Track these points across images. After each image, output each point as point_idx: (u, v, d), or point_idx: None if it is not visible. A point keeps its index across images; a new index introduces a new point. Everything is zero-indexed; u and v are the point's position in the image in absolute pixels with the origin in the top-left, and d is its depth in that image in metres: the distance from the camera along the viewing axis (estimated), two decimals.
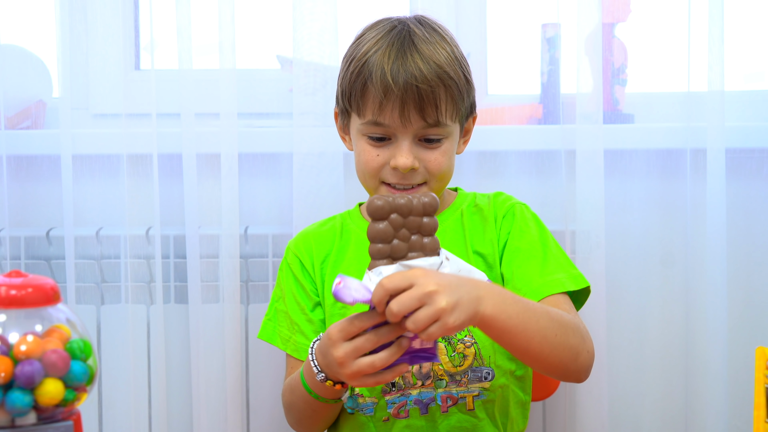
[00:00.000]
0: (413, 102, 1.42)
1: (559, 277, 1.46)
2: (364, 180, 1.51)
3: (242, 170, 1.85)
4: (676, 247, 1.90)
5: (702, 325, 1.83)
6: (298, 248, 1.58)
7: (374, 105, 1.44)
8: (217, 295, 1.83)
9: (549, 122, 1.90)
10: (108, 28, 1.88)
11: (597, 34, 1.83)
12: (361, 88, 1.45)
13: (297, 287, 1.56)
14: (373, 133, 1.46)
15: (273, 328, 1.57)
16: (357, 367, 1.20)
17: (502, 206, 1.55)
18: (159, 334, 1.83)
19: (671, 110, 1.90)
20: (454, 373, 1.47)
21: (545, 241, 1.51)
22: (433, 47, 1.45)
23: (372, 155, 1.47)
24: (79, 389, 1.04)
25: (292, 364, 1.54)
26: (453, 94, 1.45)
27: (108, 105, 1.92)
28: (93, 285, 1.86)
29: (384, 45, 1.45)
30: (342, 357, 1.20)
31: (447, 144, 1.48)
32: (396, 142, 1.46)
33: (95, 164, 1.88)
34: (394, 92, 1.42)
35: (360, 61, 1.46)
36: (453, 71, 1.45)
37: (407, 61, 1.42)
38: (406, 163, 1.44)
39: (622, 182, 1.90)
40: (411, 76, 1.41)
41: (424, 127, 1.44)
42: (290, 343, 1.54)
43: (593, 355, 1.40)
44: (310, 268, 1.56)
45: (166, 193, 1.84)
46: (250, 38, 1.96)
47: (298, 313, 1.54)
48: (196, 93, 1.81)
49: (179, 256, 1.85)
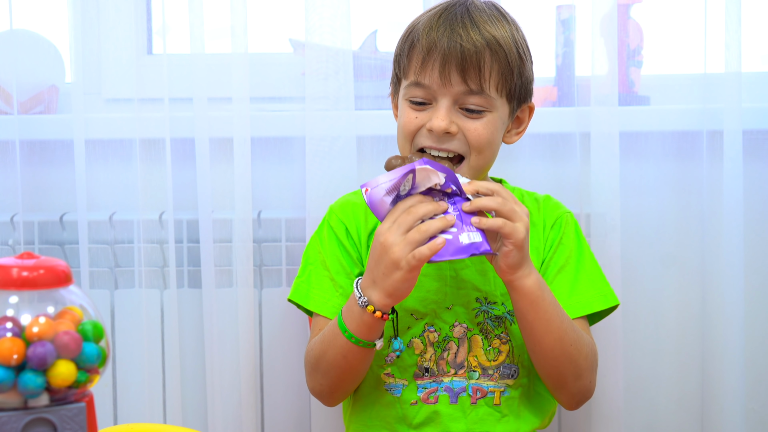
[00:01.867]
0: (455, 62, 1.40)
1: (587, 296, 1.50)
2: (401, 145, 1.48)
3: (255, 155, 1.84)
4: (692, 231, 1.90)
5: (718, 308, 1.83)
6: (345, 214, 1.55)
7: (417, 64, 1.43)
8: (230, 280, 1.83)
9: (564, 105, 1.90)
10: (120, 13, 1.87)
11: (612, 15, 1.82)
12: (408, 50, 1.45)
13: (342, 251, 1.53)
14: (414, 97, 1.44)
15: (307, 289, 1.53)
16: (418, 256, 1.28)
17: (552, 214, 1.55)
18: (172, 319, 1.83)
19: (687, 92, 1.90)
20: (487, 367, 1.49)
21: (581, 256, 1.53)
22: (489, 19, 1.44)
23: (411, 117, 1.45)
24: (91, 371, 1.04)
25: (323, 325, 1.50)
26: (500, 62, 1.42)
27: (120, 89, 1.92)
28: (106, 270, 1.87)
29: (437, 11, 1.46)
30: (398, 248, 1.29)
31: (490, 117, 1.44)
32: (436, 106, 1.43)
33: (108, 149, 1.88)
34: (437, 50, 1.40)
35: (412, 26, 1.47)
36: (503, 41, 1.42)
37: (456, 24, 1.41)
38: (440, 124, 1.41)
39: (637, 165, 1.89)
40: (456, 34, 1.40)
41: (466, 92, 1.42)
42: (328, 306, 1.50)
43: (591, 392, 1.47)
44: (355, 236, 1.53)
45: (178, 177, 1.85)
46: (262, 22, 1.96)
47: (343, 277, 1.51)
48: (209, 77, 1.81)
49: (192, 240, 1.85)
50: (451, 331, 1.50)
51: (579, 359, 1.42)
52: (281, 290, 1.86)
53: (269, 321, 1.86)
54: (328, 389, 1.50)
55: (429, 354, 1.50)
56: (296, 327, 1.86)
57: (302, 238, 1.84)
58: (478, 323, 1.51)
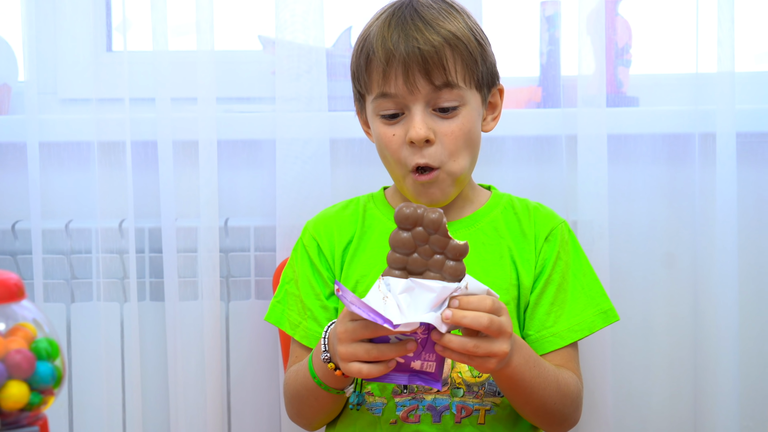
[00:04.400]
0: (417, 65, 1.40)
1: (587, 316, 1.51)
2: (390, 168, 1.49)
3: (222, 158, 1.84)
4: (683, 238, 1.90)
5: (712, 321, 1.83)
6: (317, 231, 1.56)
7: (378, 76, 1.43)
8: (195, 292, 1.83)
9: (549, 106, 1.90)
10: (77, 7, 1.87)
11: (599, 11, 1.82)
12: (365, 62, 1.45)
13: (313, 272, 1.54)
14: (384, 110, 1.45)
15: (282, 311, 1.55)
16: (351, 369, 1.26)
17: (545, 226, 1.54)
18: (133, 333, 1.82)
19: (678, 92, 1.90)
20: (472, 384, 1.48)
21: (579, 270, 1.52)
22: (439, 13, 1.44)
23: (388, 135, 1.45)
24: (45, 392, 1.03)
25: (298, 353, 1.53)
26: (462, 54, 1.43)
27: (78, 89, 1.92)
28: (62, 282, 1.86)
29: (385, 17, 1.46)
30: (343, 354, 1.25)
31: (465, 113, 1.45)
32: (408, 115, 1.44)
33: (64, 152, 1.88)
34: (395, 58, 1.41)
35: (364, 37, 1.48)
36: (460, 33, 1.43)
37: (408, 27, 1.42)
38: (419, 133, 1.41)
39: (626, 169, 1.90)
40: (412, 38, 1.41)
41: (434, 91, 1.42)
42: (300, 329, 1.52)
43: (577, 421, 1.50)
44: (328, 254, 1.54)
45: (140, 183, 1.84)
46: (229, 18, 1.96)
47: (311, 298, 1.53)
48: (172, 76, 1.81)
49: (155, 250, 1.84)
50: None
51: (564, 410, 1.45)
52: (249, 303, 1.86)
53: (237, 336, 1.86)
54: (306, 421, 1.53)
55: None
56: (266, 343, 1.86)
57: (272, 248, 1.84)
58: None
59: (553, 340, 1.48)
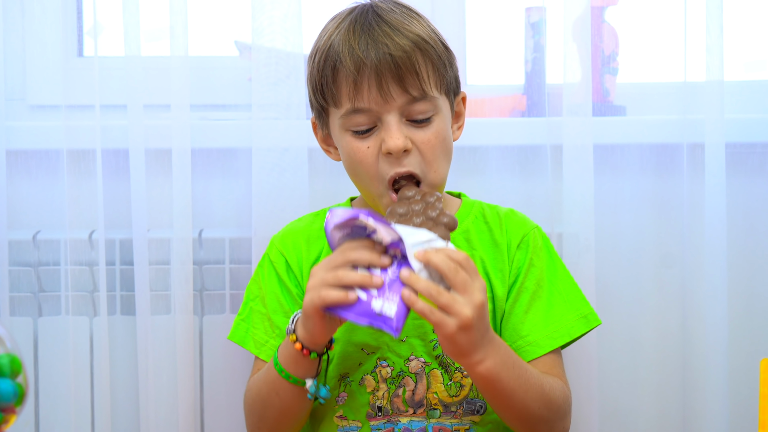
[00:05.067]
0: (390, 73, 1.38)
1: (566, 321, 1.49)
2: (366, 184, 1.46)
3: (196, 167, 1.83)
4: (672, 250, 1.90)
5: (701, 335, 1.83)
6: (285, 246, 1.55)
7: (349, 88, 1.40)
8: (168, 306, 1.81)
9: (533, 114, 1.89)
10: (47, 10, 1.86)
11: (585, 18, 1.82)
12: (331, 74, 1.42)
13: (281, 288, 1.53)
14: (356, 126, 1.42)
15: (246, 329, 1.54)
16: (311, 296, 1.28)
17: (516, 233, 1.53)
18: (103, 349, 1.81)
19: (666, 101, 1.90)
20: (449, 404, 1.46)
21: (553, 275, 1.52)
22: (402, 17, 1.43)
23: (362, 149, 1.42)
24: (6, 410, 1.02)
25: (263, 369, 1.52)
26: (433, 59, 1.41)
27: (47, 95, 1.92)
28: (29, 295, 1.84)
29: (347, 24, 1.43)
30: (312, 284, 1.28)
31: (438, 121, 1.43)
32: (382, 126, 1.41)
33: (32, 160, 1.87)
34: (367, 67, 1.38)
35: (324, 47, 1.44)
36: (428, 36, 1.42)
37: (375, 33, 1.40)
38: (397, 143, 1.39)
39: (613, 180, 1.90)
40: (383, 45, 1.38)
41: (409, 101, 1.40)
42: (266, 348, 1.51)
43: (566, 430, 1.47)
44: (297, 269, 1.53)
45: (111, 192, 1.83)
46: (204, 22, 1.95)
47: (280, 316, 1.51)
48: (145, 82, 1.80)
49: (126, 262, 1.83)
50: (406, 366, 1.48)
51: (549, 416, 1.42)
52: (224, 317, 1.84)
53: (211, 352, 1.84)
54: (267, 429, 1.49)
55: (382, 391, 1.48)
56: (240, 359, 1.80)
57: (248, 260, 1.83)
58: (437, 356, 1.48)
59: (530, 349, 1.46)
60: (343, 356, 1.46)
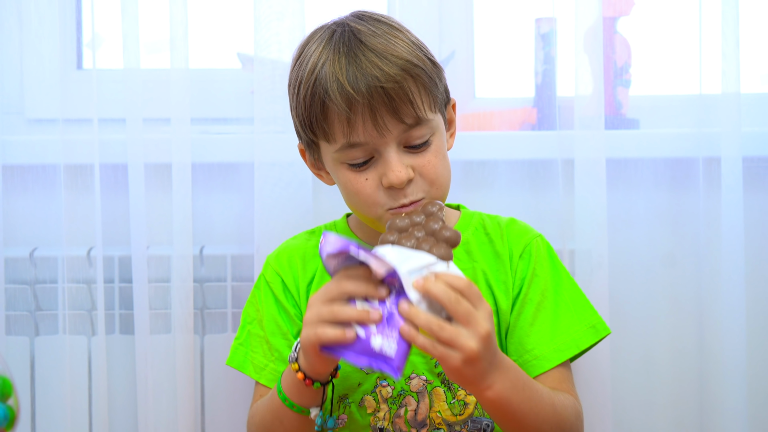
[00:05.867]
0: (384, 106, 1.35)
1: (574, 333, 1.48)
2: (365, 211, 1.44)
3: (196, 182, 1.83)
4: (687, 268, 1.89)
5: (718, 354, 1.82)
6: (280, 265, 1.54)
7: (342, 124, 1.37)
8: (167, 325, 1.81)
9: (544, 128, 1.89)
10: (44, 22, 1.85)
11: (597, 29, 1.81)
12: (321, 110, 1.39)
13: (278, 310, 1.52)
14: (353, 160, 1.40)
15: (245, 354, 1.54)
16: (307, 334, 1.25)
17: (519, 241, 1.52)
18: (101, 369, 1.80)
19: (681, 114, 1.90)
20: (453, 423, 1.45)
21: (558, 285, 1.50)
22: (385, 39, 1.39)
23: (359, 182, 1.40)
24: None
25: (264, 394, 1.50)
26: (424, 82, 1.39)
27: (44, 109, 1.92)
28: (26, 313, 1.84)
29: (330, 53, 1.39)
30: (306, 318, 1.25)
31: (436, 142, 1.42)
32: (380, 158, 1.39)
33: (29, 175, 1.86)
34: (359, 102, 1.35)
35: (309, 81, 1.40)
36: (415, 57, 1.39)
37: (362, 63, 1.36)
38: (400, 177, 1.37)
39: (626, 195, 1.89)
40: (372, 77, 1.35)
41: (405, 130, 1.38)
42: (266, 372, 1.51)
43: None
44: (293, 289, 1.53)
45: (109, 208, 1.83)
46: (205, 34, 1.96)
47: (278, 339, 1.51)
48: (144, 95, 1.80)
49: (124, 280, 1.83)
50: (407, 384, 1.47)
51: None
52: (226, 337, 1.83)
53: (212, 373, 1.84)
54: None
55: (383, 412, 1.47)
56: (243, 381, 1.76)
57: (250, 278, 1.82)
58: (439, 374, 1.47)
59: (537, 363, 1.45)
60: (341, 377, 1.44)
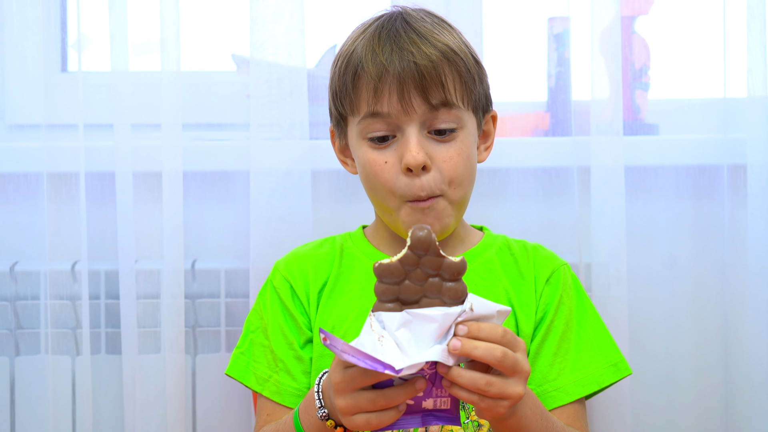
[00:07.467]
0: (413, 81, 1.37)
1: (595, 369, 1.47)
2: (382, 198, 1.44)
3: (188, 192, 1.82)
4: (711, 282, 1.88)
5: (744, 377, 1.81)
6: (290, 271, 1.53)
7: (368, 94, 1.40)
8: (157, 344, 1.80)
9: (558, 134, 1.90)
10: (27, 22, 1.85)
11: (614, 29, 1.80)
12: (352, 80, 1.42)
13: (285, 317, 1.51)
14: (373, 132, 1.41)
15: (247, 363, 1.51)
16: (356, 423, 1.21)
17: (545, 267, 1.51)
18: (86, 391, 1.79)
19: (704, 119, 1.90)
20: None
21: (583, 317, 1.50)
22: (432, 27, 1.43)
23: (379, 163, 1.41)
24: None
25: (270, 410, 1.48)
26: (461, 71, 1.41)
27: (26, 114, 1.91)
28: (6, 332, 1.83)
29: (372, 30, 1.44)
30: (344, 407, 1.20)
31: (462, 137, 1.42)
32: (402, 138, 1.40)
33: (10, 184, 1.86)
34: (389, 74, 1.38)
35: (347, 54, 1.45)
36: (457, 47, 1.41)
37: (402, 41, 1.40)
38: (417, 158, 1.37)
39: (646, 204, 1.88)
40: (408, 52, 1.38)
41: (430, 110, 1.39)
42: (269, 384, 1.49)
43: None
44: (303, 296, 1.51)
45: (95, 219, 1.82)
46: (198, 35, 1.95)
47: (284, 348, 1.49)
48: (133, 99, 1.79)
49: (111, 296, 1.82)
50: None
51: None
52: (219, 356, 1.82)
53: (204, 394, 1.82)
54: None
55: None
56: (237, 402, 1.82)
57: (245, 293, 1.81)
58: None
59: (557, 395, 1.44)
60: None
